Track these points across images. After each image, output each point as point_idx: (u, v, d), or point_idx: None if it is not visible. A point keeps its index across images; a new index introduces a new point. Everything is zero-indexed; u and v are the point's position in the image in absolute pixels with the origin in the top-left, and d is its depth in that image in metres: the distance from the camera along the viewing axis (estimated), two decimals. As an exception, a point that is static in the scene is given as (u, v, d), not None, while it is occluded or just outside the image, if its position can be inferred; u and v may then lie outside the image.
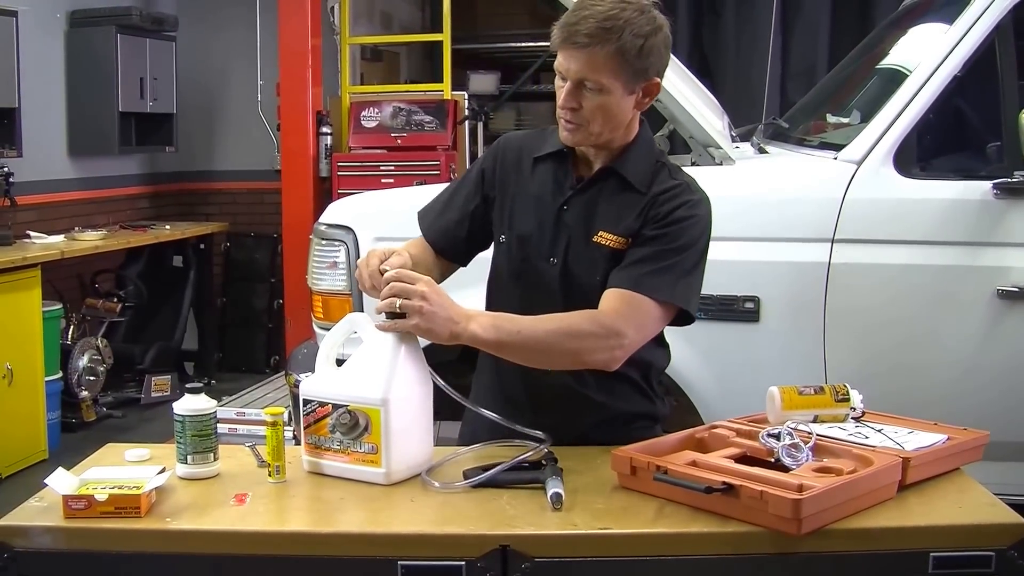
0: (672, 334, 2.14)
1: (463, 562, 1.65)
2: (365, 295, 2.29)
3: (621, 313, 1.95)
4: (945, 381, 3.03)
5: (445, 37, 6.27)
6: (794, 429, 1.89)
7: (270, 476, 1.90)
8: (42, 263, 5.08)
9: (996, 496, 1.81)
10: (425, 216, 2.26)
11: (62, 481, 1.77)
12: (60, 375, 5.33)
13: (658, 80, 2.03)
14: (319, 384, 1.95)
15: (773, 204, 3.12)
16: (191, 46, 6.78)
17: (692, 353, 2.99)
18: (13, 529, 1.71)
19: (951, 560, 1.67)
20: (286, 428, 2.24)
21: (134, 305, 6.27)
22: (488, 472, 1.84)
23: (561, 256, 2.07)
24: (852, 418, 2.04)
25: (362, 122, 6.12)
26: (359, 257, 3.20)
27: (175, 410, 1.92)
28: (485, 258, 2.24)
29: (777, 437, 1.86)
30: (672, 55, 3.62)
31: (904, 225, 3.04)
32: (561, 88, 1.99)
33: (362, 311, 3.01)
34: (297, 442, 2.14)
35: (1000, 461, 2.46)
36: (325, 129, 6.09)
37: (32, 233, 5.55)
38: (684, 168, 2.18)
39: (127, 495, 1.73)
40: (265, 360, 6.80)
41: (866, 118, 3.23)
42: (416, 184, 4.89)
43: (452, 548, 1.67)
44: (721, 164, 3.41)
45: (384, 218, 3.28)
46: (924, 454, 1.86)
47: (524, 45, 7.89)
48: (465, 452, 2.02)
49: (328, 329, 2.09)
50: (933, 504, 1.78)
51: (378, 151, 6.07)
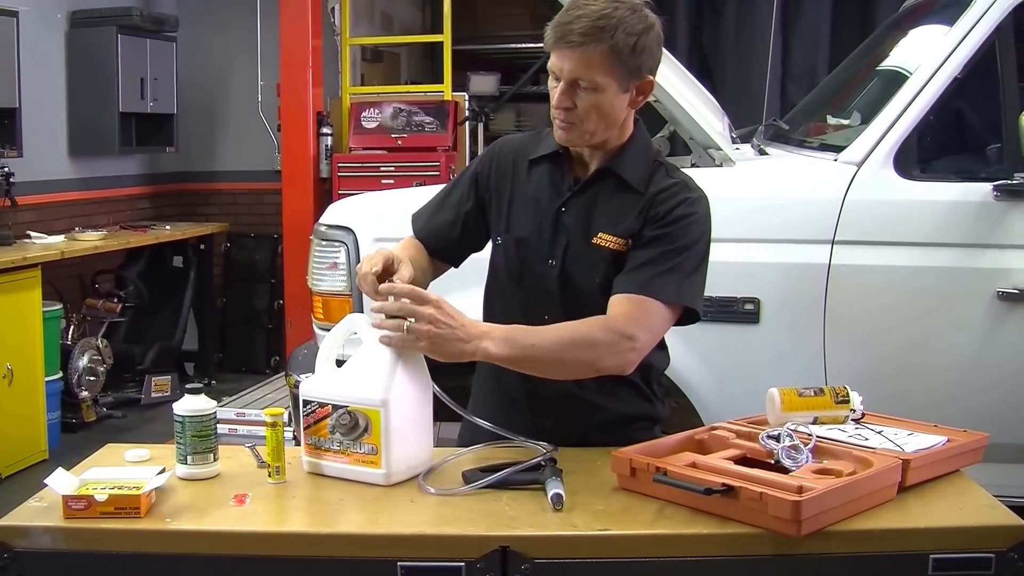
0: (672, 336, 2.14)
1: (463, 563, 1.65)
2: (366, 297, 2.29)
3: (631, 317, 1.95)
4: (945, 383, 3.03)
5: (445, 38, 6.27)
6: (794, 431, 1.89)
7: (270, 477, 1.90)
8: (42, 263, 5.08)
9: (996, 498, 1.81)
10: (419, 217, 2.25)
11: (62, 481, 1.77)
12: (60, 375, 5.33)
13: (651, 78, 2.03)
14: (319, 385, 1.95)
15: (773, 206, 3.12)
16: (191, 46, 6.78)
17: (692, 355, 2.99)
18: (13, 529, 1.71)
19: (951, 562, 1.66)
20: (286, 429, 2.25)
21: (134, 305, 6.27)
22: (487, 479, 1.84)
23: (560, 258, 2.07)
24: (852, 420, 2.04)
25: (362, 123, 6.12)
26: (359, 258, 3.21)
27: (175, 410, 1.92)
28: (482, 259, 2.23)
29: (777, 439, 1.86)
30: (672, 56, 3.62)
31: (904, 227, 3.04)
32: (555, 88, 1.99)
33: (362, 312, 3.01)
34: (297, 443, 2.14)
35: (1000, 463, 2.46)
36: (325, 130, 6.08)
37: (32, 233, 5.55)
38: (684, 169, 2.18)
39: (127, 495, 1.73)
40: (265, 361, 6.80)
41: (866, 120, 3.23)
42: (416, 185, 4.89)
43: (452, 549, 1.67)
44: (721, 165, 3.41)
45: (384, 219, 3.28)
46: (924, 456, 1.86)
47: (524, 46, 7.88)
48: (464, 453, 2.02)
49: (328, 330, 2.09)
50: (933, 506, 1.78)
51: (378, 152, 6.07)
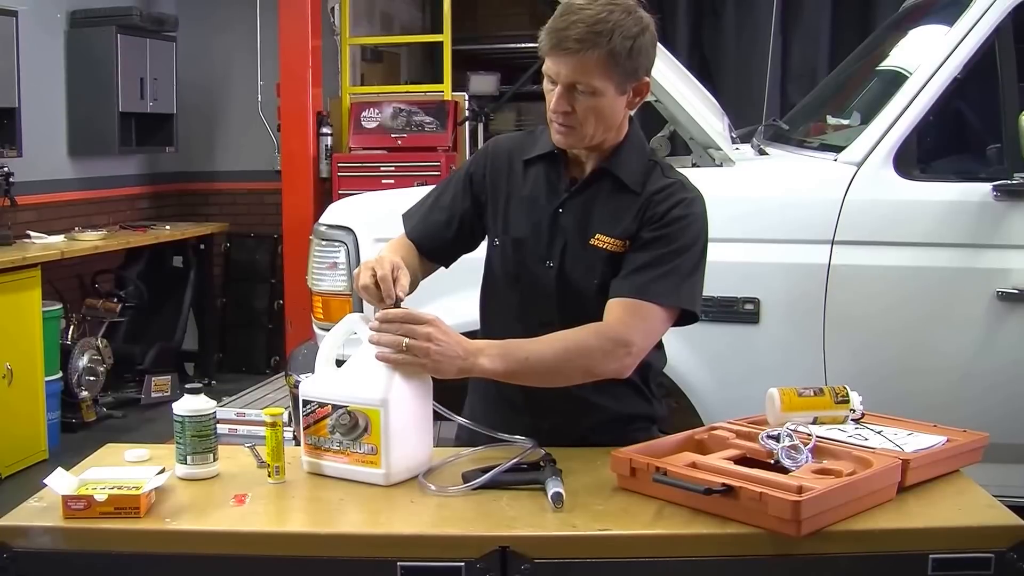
0: (672, 336, 2.14)
1: (463, 563, 1.65)
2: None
3: (625, 322, 1.95)
4: (944, 383, 3.03)
5: (445, 38, 6.28)
6: (794, 431, 1.89)
7: (269, 477, 1.90)
8: (42, 263, 5.08)
9: (995, 498, 1.81)
10: (410, 217, 2.24)
11: (61, 481, 1.77)
12: (60, 375, 5.32)
13: (647, 79, 2.03)
14: (319, 385, 1.95)
15: (773, 206, 3.12)
16: (191, 46, 6.78)
17: (692, 355, 3.00)
18: (12, 529, 1.71)
19: (950, 562, 1.66)
20: (286, 429, 2.24)
21: (134, 305, 6.27)
22: (486, 476, 1.84)
23: (557, 259, 2.07)
24: (852, 420, 2.04)
25: (362, 123, 6.12)
26: (359, 258, 3.21)
27: (175, 410, 1.92)
28: (474, 260, 2.23)
29: (777, 439, 1.86)
30: (672, 56, 3.63)
31: (904, 227, 3.04)
32: (551, 91, 1.99)
33: (362, 312, 3.01)
34: (297, 443, 2.14)
35: (999, 463, 2.46)
36: (325, 130, 6.09)
37: (32, 233, 5.54)
38: (683, 169, 2.18)
39: (126, 495, 1.73)
40: (265, 361, 6.80)
41: (866, 120, 3.23)
42: (416, 185, 4.89)
43: (452, 549, 1.67)
44: (721, 166, 3.41)
45: (384, 219, 3.27)
46: (923, 456, 1.86)
47: (524, 46, 7.86)
48: (465, 454, 2.02)
49: (328, 330, 2.09)
50: (932, 506, 1.78)
51: (378, 152, 6.07)
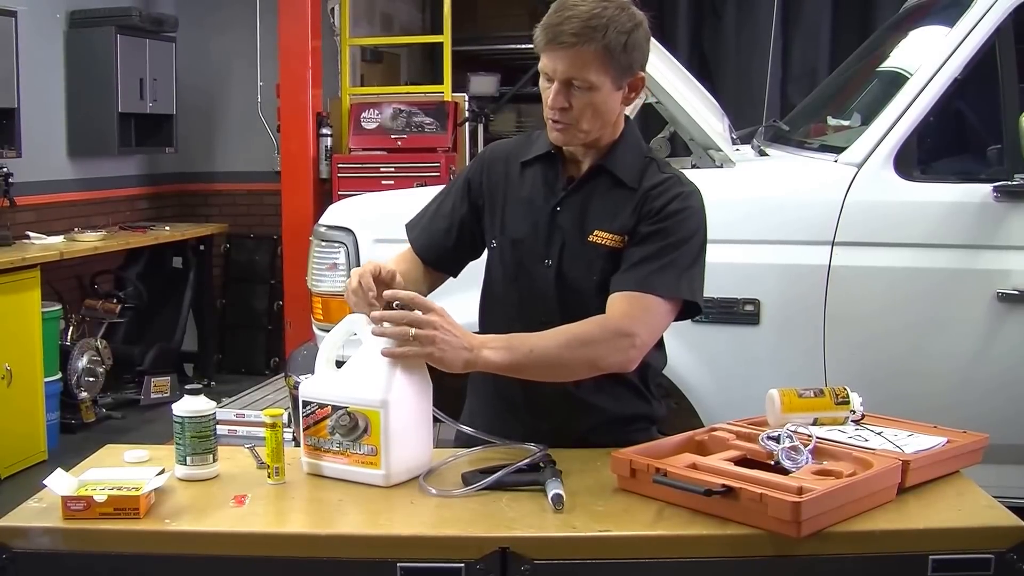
0: (672, 337, 2.14)
1: (462, 564, 1.65)
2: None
3: (628, 314, 1.96)
4: (945, 384, 3.03)
5: (445, 39, 6.28)
6: (794, 432, 1.89)
7: (269, 478, 1.90)
8: (41, 264, 5.08)
9: (995, 499, 1.81)
10: (412, 228, 2.25)
11: (61, 482, 1.76)
12: (59, 376, 5.32)
13: (642, 75, 2.04)
14: (318, 386, 1.94)
15: (773, 207, 3.12)
16: (191, 47, 6.78)
17: (692, 356, 3.00)
18: (12, 530, 1.71)
19: (950, 563, 1.66)
20: (285, 430, 2.24)
21: (134, 306, 6.27)
22: (487, 479, 1.84)
23: (556, 257, 2.07)
24: (852, 421, 2.04)
25: (362, 123, 6.12)
26: (359, 259, 3.21)
27: (174, 411, 1.91)
28: (476, 264, 2.23)
29: (777, 440, 1.86)
30: (673, 57, 3.63)
31: (904, 228, 3.05)
32: (547, 89, 1.99)
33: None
34: (296, 444, 2.14)
35: (1000, 464, 2.46)
36: (325, 130, 6.08)
37: (31, 234, 5.54)
38: (684, 170, 2.18)
39: (126, 496, 1.73)
40: (265, 362, 6.80)
41: (866, 121, 3.23)
42: (416, 186, 4.89)
43: (451, 550, 1.66)
44: (721, 166, 3.41)
45: (384, 220, 3.28)
46: (923, 457, 1.86)
47: (524, 47, 7.81)
48: (465, 455, 2.02)
49: (328, 331, 2.09)
50: (932, 507, 1.78)
51: (378, 153, 6.07)
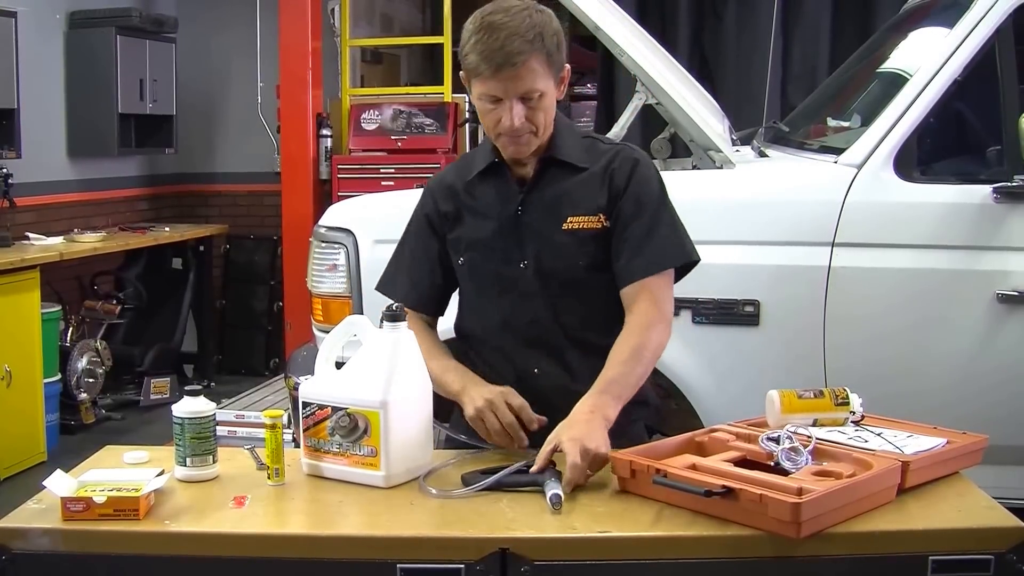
0: (672, 337, 2.14)
1: (462, 565, 1.65)
2: (365, 298, 2.30)
3: (656, 302, 2.06)
4: (944, 385, 3.02)
5: (446, 39, 6.28)
6: (793, 433, 1.89)
7: (269, 479, 1.90)
8: (41, 265, 5.08)
9: (995, 500, 1.81)
10: (395, 290, 2.23)
11: (60, 483, 1.76)
12: (59, 377, 5.32)
13: (568, 66, 2.10)
14: (318, 387, 1.95)
15: (773, 207, 3.12)
16: (191, 47, 6.78)
17: (692, 356, 2.99)
18: (11, 531, 1.71)
19: (950, 564, 1.66)
20: (285, 431, 2.24)
21: (133, 307, 6.27)
22: (486, 481, 1.84)
23: (531, 257, 2.10)
24: (851, 422, 2.04)
25: (362, 124, 6.13)
26: (359, 260, 3.21)
27: (174, 412, 1.92)
28: None
29: (777, 441, 1.86)
30: (673, 58, 3.64)
31: (904, 229, 3.04)
32: (492, 110, 2.02)
33: (362, 313, 3.01)
34: (296, 445, 2.14)
35: (999, 465, 2.46)
36: (325, 131, 6.09)
37: (31, 235, 5.54)
38: (684, 171, 2.20)
39: (125, 497, 1.73)
40: (264, 363, 6.80)
41: (866, 122, 3.23)
42: (416, 187, 4.88)
43: (451, 551, 1.66)
44: (722, 167, 3.41)
45: (384, 221, 3.28)
46: (923, 458, 1.86)
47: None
48: (466, 456, 2.02)
49: (327, 332, 2.09)
50: (932, 508, 1.78)
51: (378, 153, 6.07)
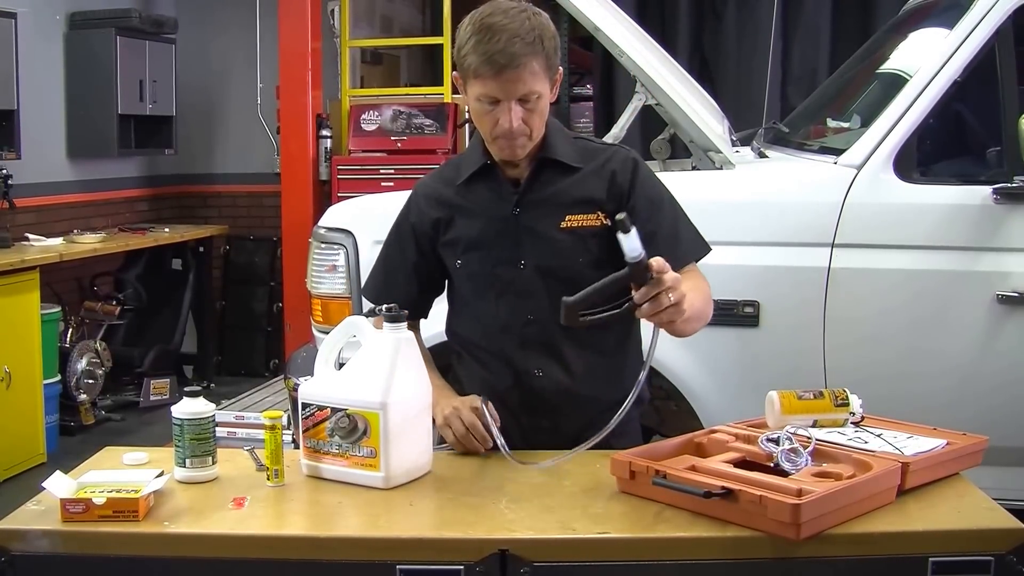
0: (672, 338, 2.14)
1: (462, 566, 1.65)
2: (364, 299, 2.30)
3: (702, 278, 2.13)
4: (944, 386, 3.02)
5: (445, 40, 6.27)
6: (793, 434, 1.88)
7: (268, 480, 1.90)
8: (41, 266, 5.08)
9: (995, 501, 1.81)
10: (373, 295, 2.26)
11: (60, 484, 1.76)
12: (58, 378, 5.32)
13: (561, 68, 2.11)
14: (318, 387, 1.95)
15: (773, 208, 3.12)
16: (191, 48, 6.78)
17: (692, 357, 2.99)
18: (10, 533, 1.71)
19: (950, 565, 1.66)
20: (285, 432, 2.24)
21: (133, 308, 6.27)
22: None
23: (532, 257, 2.11)
24: (851, 423, 2.04)
25: (362, 125, 6.13)
26: (358, 260, 3.21)
27: (174, 413, 1.92)
28: None
29: (776, 442, 1.86)
30: (672, 59, 3.64)
31: (904, 230, 3.04)
32: (490, 112, 2.02)
33: (361, 314, 3.01)
34: (296, 446, 2.14)
35: (999, 466, 2.45)
36: (325, 132, 6.09)
37: (31, 235, 5.54)
38: (684, 172, 2.20)
39: (125, 499, 1.73)
40: (264, 363, 6.79)
41: (866, 122, 3.22)
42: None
43: (451, 552, 1.66)
44: (721, 168, 3.41)
45: (383, 221, 3.24)
46: (923, 459, 1.86)
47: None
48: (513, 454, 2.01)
49: (327, 332, 2.09)
50: (932, 509, 1.78)
51: (378, 154, 6.07)
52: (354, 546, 1.70)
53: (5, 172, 5.30)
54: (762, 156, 3.66)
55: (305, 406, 1.94)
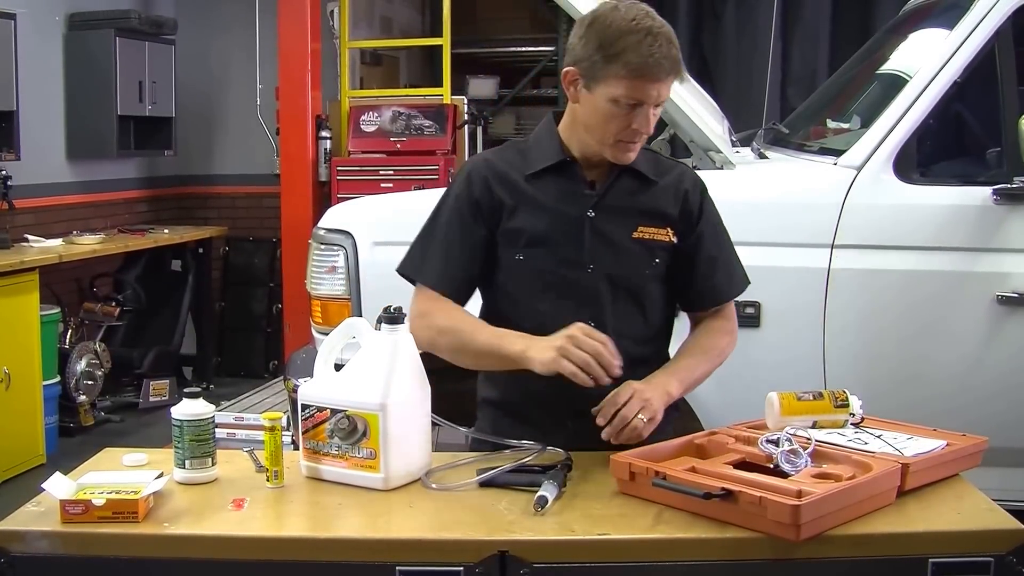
0: (672, 339, 2.14)
1: (461, 567, 1.65)
2: (364, 300, 2.29)
3: (730, 315, 2.23)
4: (944, 386, 3.02)
5: (445, 41, 6.28)
6: (793, 435, 1.88)
7: (268, 481, 1.90)
8: (40, 267, 5.07)
9: (995, 502, 1.80)
10: (428, 272, 2.13)
11: (59, 486, 1.76)
12: (58, 379, 5.32)
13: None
14: (317, 389, 1.94)
15: (773, 209, 3.12)
16: (190, 49, 6.78)
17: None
18: (10, 534, 1.70)
19: (950, 566, 1.66)
20: (284, 433, 2.24)
21: (132, 309, 6.26)
22: (491, 472, 1.85)
23: (601, 261, 2.07)
24: (851, 424, 2.04)
25: (361, 126, 6.13)
26: (358, 261, 3.21)
27: (173, 414, 1.91)
28: None
29: (776, 443, 1.86)
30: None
31: (904, 231, 3.04)
32: (624, 115, 1.98)
33: (361, 315, 3.00)
34: (295, 447, 2.14)
35: (999, 467, 2.45)
36: (324, 133, 6.08)
37: (30, 237, 5.54)
38: None
39: (124, 500, 1.73)
40: (264, 365, 6.79)
41: (866, 123, 3.23)
42: (415, 188, 4.89)
43: (450, 553, 1.66)
44: (721, 169, 3.41)
45: (383, 222, 3.28)
46: (923, 460, 1.86)
47: (524, 49, 7.90)
48: (470, 460, 2.01)
49: (327, 334, 2.09)
50: (932, 510, 1.78)
51: (377, 155, 6.07)
52: (354, 547, 1.69)
53: (4, 173, 5.29)
54: (762, 157, 3.67)
55: (305, 407, 1.93)
